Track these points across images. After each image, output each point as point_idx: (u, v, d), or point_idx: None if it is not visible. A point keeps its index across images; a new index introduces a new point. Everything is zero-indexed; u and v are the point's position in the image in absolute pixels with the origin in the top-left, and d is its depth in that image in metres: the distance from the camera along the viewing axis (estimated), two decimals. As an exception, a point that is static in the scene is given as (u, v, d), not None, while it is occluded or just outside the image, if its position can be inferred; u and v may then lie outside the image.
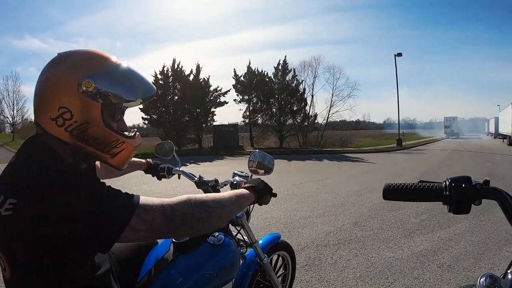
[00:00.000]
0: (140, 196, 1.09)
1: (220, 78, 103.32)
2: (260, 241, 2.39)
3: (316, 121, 35.09)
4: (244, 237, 2.21)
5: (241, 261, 2.15)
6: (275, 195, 1.64)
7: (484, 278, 0.99)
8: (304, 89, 34.03)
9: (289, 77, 33.26)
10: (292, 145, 32.44)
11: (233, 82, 32.53)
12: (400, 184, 1.03)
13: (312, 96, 34.75)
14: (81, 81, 1.08)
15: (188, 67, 31.64)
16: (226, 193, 1.38)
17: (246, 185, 1.54)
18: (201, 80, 31.46)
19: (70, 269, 1.08)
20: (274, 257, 2.74)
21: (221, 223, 1.50)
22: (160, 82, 30.48)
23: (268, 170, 2.11)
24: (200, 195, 1.25)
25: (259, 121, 33.20)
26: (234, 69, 32.47)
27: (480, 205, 0.96)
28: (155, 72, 30.81)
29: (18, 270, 1.07)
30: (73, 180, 1.04)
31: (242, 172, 2.21)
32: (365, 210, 6.86)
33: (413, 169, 14.40)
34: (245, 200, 1.43)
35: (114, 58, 1.21)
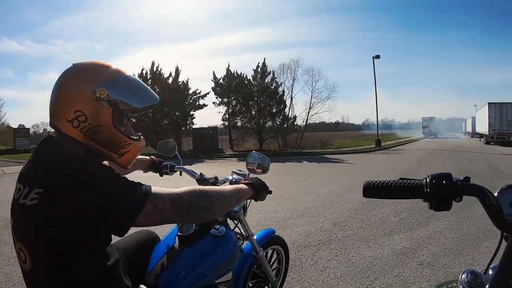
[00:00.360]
0: (152, 186, 1.26)
1: (199, 81, 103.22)
2: (255, 236, 2.50)
3: (295, 123, 35.18)
4: (241, 230, 2.39)
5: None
6: (270, 192, 1.82)
7: (465, 274, 0.99)
8: (283, 91, 33.98)
9: (268, 79, 33.21)
10: (271, 147, 32.28)
11: (212, 85, 32.22)
12: (380, 181, 1.02)
13: (291, 98, 34.77)
14: (95, 89, 1.25)
15: (167, 70, 31.13)
16: (227, 186, 1.58)
17: (246, 181, 1.73)
18: (180, 83, 31.17)
19: (75, 269, 1.21)
20: (269, 251, 2.90)
21: (222, 213, 1.66)
22: (138, 85, 30.05)
23: (265, 170, 2.31)
24: (204, 186, 1.47)
25: (239, 124, 32.94)
26: (214, 72, 32.21)
27: (460, 201, 0.95)
28: (133, 74, 30.20)
29: (40, 263, 1.20)
30: (82, 182, 1.15)
31: (240, 170, 2.37)
32: (344, 210, 6.87)
33: (392, 169, 14.56)
34: (244, 194, 1.61)
35: (122, 70, 1.37)
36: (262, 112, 32.38)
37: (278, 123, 33.11)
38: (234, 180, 2.22)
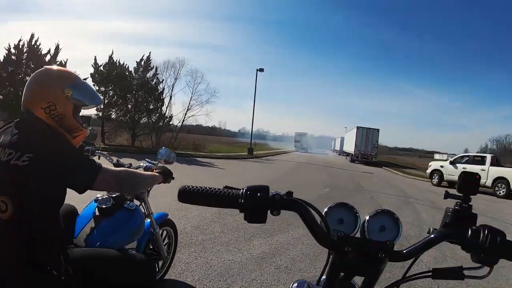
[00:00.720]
0: (101, 164, 1.79)
1: (80, 64, 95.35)
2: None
3: (171, 123, 34.63)
4: (144, 209, 2.87)
5: None
6: (174, 178, 2.40)
7: (296, 284, 1.03)
8: (163, 89, 33.26)
9: (150, 74, 32.19)
10: (145, 144, 31.10)
11: (92, 70, 29.73)
12: (197, 187, 1.03)
13: (171, 97, 34.16)
14: (64, 89, 1.75)
15: (46, 46, 27.74)
16: (146, 172, 2.22)
17: (157, 170, 2.31)
18: (58, 63, 28.15)
19: (40, 222, 1.62)
20: (164, 232, 3.55)
21: (142, 189, 2.60)
22: (13, 57, 26.09)
23: (171, 162, 2.89)
24: (133, 170, 2.22)
25: (113, 116, 31.00)
26: (95, 57, 29.84)
27: (278, 215, 0.97)
28: (9, 45, 26.60)
29: (21, 211, 1.54)
30: (53, 145, 1.66)
31: (151, 160, 2.99)
32: (208, 214, 6.85)
33: (262, 177, 15.15)
34: (157, 179, 2.18)
35: (79, 76, 1.90)
36: (138, 107, 31.09)
37: (154, 120, 32.27)
38: (146, 166, 2.81)
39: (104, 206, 2.46)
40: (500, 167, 19.26)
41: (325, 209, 1.10)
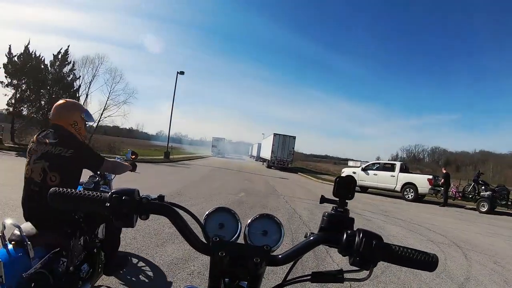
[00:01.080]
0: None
1: None
2: None
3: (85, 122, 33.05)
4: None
5: None
6: (135, 169, 3.73)
7: None
8: (80, 85, 31.77)
9: (67, 69, 30.49)
10: None
11: (5, 60, 27.04)
12: (68, 190, 0.99)
13: (87, 95, 32.78)
14: (82, 115, 2.95)
15: None
16: (124, 163, 3.47)
17: (129, 162, 3.68)
18: None
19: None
20: None
21: (122, 172, 3.39)
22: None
23: (136, 158, 4.37)
24: (119, 161, 3.54)
25: (25, 112, 28.49)
26: (10, 46, 27.09)
27: (147, 219, 0.98)
28: None
29: (67, 180, 2.68)
30: (83, 145, 2.89)
31: (122, 157, 4.43)
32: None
33: (176, 181, 14.88)
34: (128, 167, 3.47)
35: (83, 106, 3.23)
36: (52, 104, 28.85)
37: (67, 118, 30.47)
38: (119, 159, 3.85)
39: (89, 187, 3.36)
40: (409, 173, 20.80)
41: (205, 215, 1.10)
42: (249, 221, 1.10)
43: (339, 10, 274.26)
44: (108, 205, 0.94)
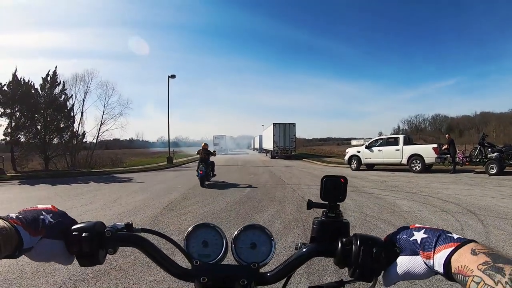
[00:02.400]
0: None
1: None
2: None
3: (85, 140, 33.08)
4: None
5: None
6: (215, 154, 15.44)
7: None
8: (73, 104, 31.50)
9: (57, 90, 30.14)
10: (60, 167, 29.06)
11: None
12: None
13: (82, 112, 32.59)
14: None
15: None
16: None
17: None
18: None
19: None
20: None
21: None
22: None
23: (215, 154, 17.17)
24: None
25: (22, 140, 28.27)
26: None
27: (114, 253, 0.89)
28: None
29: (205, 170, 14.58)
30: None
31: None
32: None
33: (181, 185, 14.77)
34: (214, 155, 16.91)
35: None
36: (48, 127, 28.91)
37: (66, 139, 30.44)
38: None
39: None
40: (413, 145, 20.65)
41: (185, 235, 0.97)
42: (235, 233, 0.98)
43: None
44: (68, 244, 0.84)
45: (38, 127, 29.01)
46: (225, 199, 10.46)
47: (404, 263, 0.76)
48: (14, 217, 0.78)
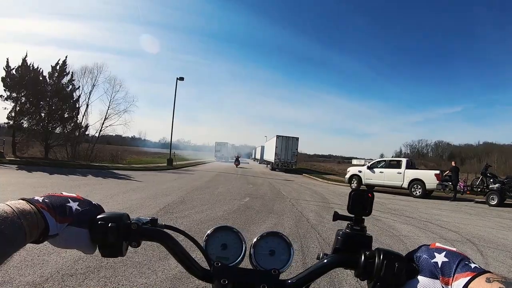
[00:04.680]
0: None
1: None
2: None
3: (87, 133, 33.01)
4: None
5: None
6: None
7: None
8: (79, 96, 31.40)
9: (65, 80, 29.97)
10: (60, 156, 28.81)
11: (3, 74, 26.49)
12: None
13: (87, 105, 32.52)
14: None
15: None
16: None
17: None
18: None
19: None
20: None
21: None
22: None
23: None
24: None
25: (25, 125, 27.96)
26: (7, 59, 26.66)
27: (138, 246, 0.88)
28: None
29: None
30: None
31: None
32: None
33: (179, 188, 14.61)
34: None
35: None
36: (52, 116, 28.76)
37: (69, 130, 30.34)
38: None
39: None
40: (415, 169, 20.62)
41: (205, 235, 0.96)
42: (255, 240, 0.97)
43: (338, 8, 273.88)
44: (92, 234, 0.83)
45: (42, 114, 28.75)
46: (222, 207, 10.31)
47: (423, 284, 0.76)
48: (41, 201, 0.76)
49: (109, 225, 0.82)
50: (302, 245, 6.54)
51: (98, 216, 0.85)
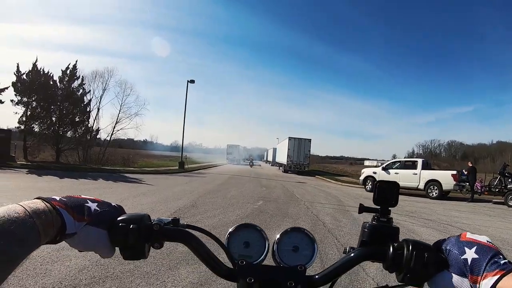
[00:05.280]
0: None
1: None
2: None
3: (98, 136, 33.14)
4: None
5: None
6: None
7: None
8: (90, 100, 31.60)
9: (75, 84, 30.25)
10: (71, 160, 29.04)
11: (14, 79, 26.77)
12: None
13: (98, 109, 32.65)
14: None
15: None
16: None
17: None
18: None
19: None
20: None
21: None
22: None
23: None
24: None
25: (36, 129, 28.26)
26: (18, 64, 26.85)
27: (160, 247, 0.83)
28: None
29: None
30: None
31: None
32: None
33: (190, 192, 14.40)
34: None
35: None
36: (63, 120, 29.07)
37: (80, 134, 30.47)
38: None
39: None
40: (431, 170, 20.24)
41: (227, 233, 0.94)
42: (278, 236, 0.96)
43: (347, 8, 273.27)
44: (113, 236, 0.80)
45: (53, 118, 29.03)
46: (235, 211, 10.04)
47: (452, 281, 0.72)
48: (58, 199, 0.74)
49: (131, 226, 0.80)
50: (320, 251, 6.23)
51: (119, 218, 0.82)
